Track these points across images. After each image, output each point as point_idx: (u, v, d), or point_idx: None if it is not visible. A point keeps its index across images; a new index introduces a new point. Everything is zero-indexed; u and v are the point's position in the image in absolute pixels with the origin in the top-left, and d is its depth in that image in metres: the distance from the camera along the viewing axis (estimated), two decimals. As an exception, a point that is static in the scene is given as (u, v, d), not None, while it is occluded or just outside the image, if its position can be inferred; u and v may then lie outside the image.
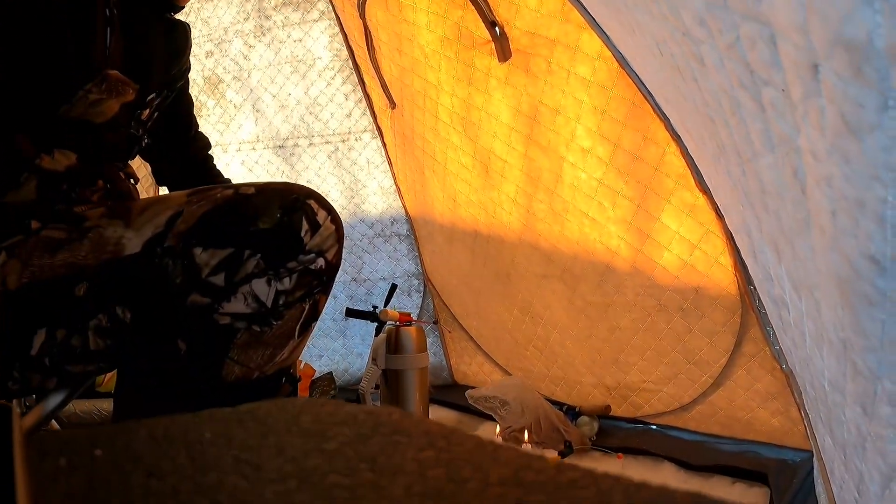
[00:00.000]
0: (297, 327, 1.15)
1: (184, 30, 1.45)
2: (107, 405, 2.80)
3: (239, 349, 1.10)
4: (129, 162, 1.35)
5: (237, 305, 1.07)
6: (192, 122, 1.65)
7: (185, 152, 1.64)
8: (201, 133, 1.68)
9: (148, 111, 1.32)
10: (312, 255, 1.11)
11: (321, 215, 1.13)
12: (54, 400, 1.11)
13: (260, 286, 1.07)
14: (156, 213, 1.09)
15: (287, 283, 1.09)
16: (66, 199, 1.13)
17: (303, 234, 1.09)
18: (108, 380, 2.88)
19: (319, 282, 1.14)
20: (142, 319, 1.06)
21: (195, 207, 1.09)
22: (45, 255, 1.02)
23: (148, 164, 1.64)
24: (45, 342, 1.02)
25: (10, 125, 1.09)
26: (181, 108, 1.59)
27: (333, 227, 1.16)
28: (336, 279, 1.22)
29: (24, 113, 1.09)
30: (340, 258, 1.20)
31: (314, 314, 1.18)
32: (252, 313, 1.08)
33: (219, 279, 1.06)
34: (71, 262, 1.03)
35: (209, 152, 1.70)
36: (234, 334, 1.09)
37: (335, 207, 1.20)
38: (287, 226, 1.08)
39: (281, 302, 1.10)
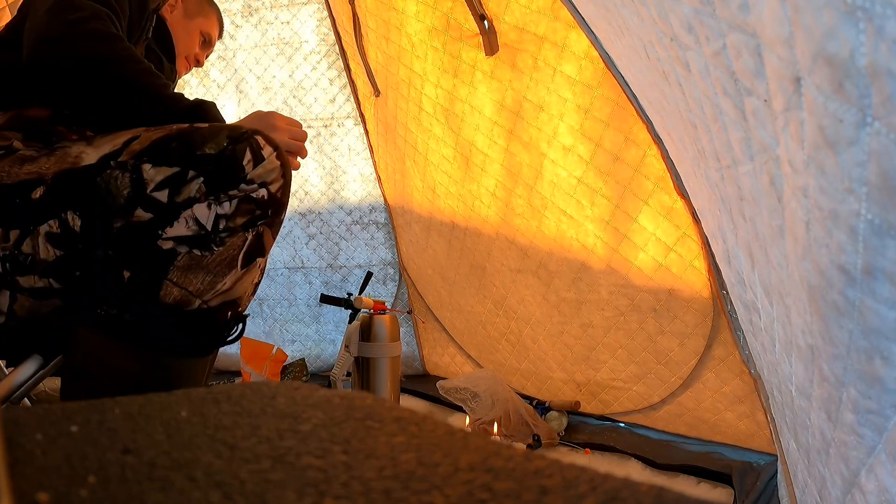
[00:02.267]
0: (241, 257, 1.18)
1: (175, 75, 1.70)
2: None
3: (178, 271, 1.13)
4: None
5: (179, 229, 1.11)
6: None
7: None
8: None
9: None
10: (255, 185, 1.15)
11: (266, 150, 1.17)
12: (25, 372, 1.12)
13: (201, 210, 1.12)
14: (116, 136, 1.19)
15: (227, 208, 1.13)
16: None
17: (245, 163, 1.14)
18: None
19: (263, 213, 1.17)
20: (90, 230, 1.11)
21: (152, 133, 1.17)
22: (14, 165, 1.13)
23: None
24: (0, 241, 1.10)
25: None
26: None
27: (279, 162, 1.19)
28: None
29: None
30: (287, 195, 1.24)
31: (259, 247, 1.20)
32: (193, 236, 1.12)
33: (162, 195, 1.11)
34: (34, 171, 1.13)
35: None
36: (175, 257, 1.12)
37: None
38: (230, 153, 1.13)
39: (221, 226, 1.13)
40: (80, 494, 0.38)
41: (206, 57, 1.92)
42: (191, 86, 3.34)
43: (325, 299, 2.63)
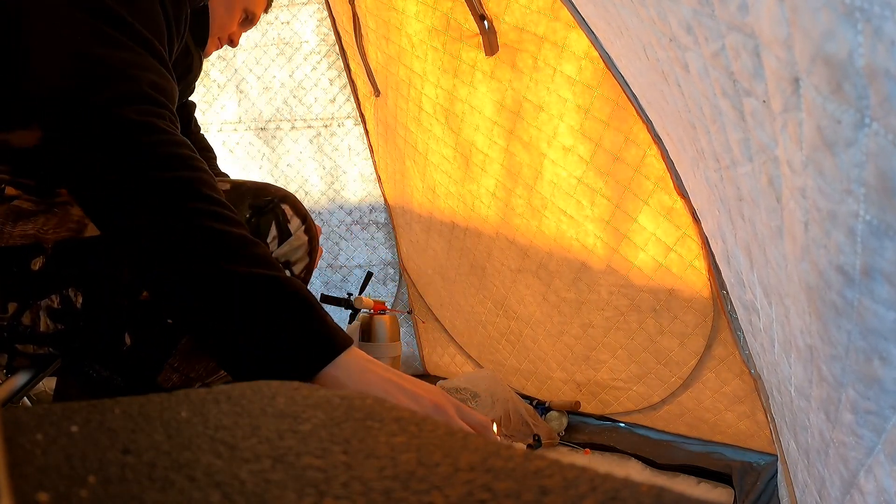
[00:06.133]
0: None
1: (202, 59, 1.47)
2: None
3: (181, 356, 1.03)
4: None
5: None
6: (191, 117, 1.63)
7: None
8: (203, 136, 1.65)
9: None
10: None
11: (294, 223, 1.05)
12: (23, 377, 1.10)
13: None
14: None
15: None
16: None
17: (269, 241, 1.03)
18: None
19: None
20: (93, 306, 1.01)
21: None
22: (9, 220, 0.98)
23: None
24: None
25: None
26: (185, 108, 1.60)
27: (306, 238, 1.08)
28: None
29: None
30: (310, 274, 1.11)
31: None
32: None
33: None
34: (31, 234, 0.98)
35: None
36: (181, 337, 1.02)
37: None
38: (252, 228, 1.01)
39: None
40: (80, 494, 0.38)
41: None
42: (191, 86, 3.34)
43: (325, 299, 2.63)
